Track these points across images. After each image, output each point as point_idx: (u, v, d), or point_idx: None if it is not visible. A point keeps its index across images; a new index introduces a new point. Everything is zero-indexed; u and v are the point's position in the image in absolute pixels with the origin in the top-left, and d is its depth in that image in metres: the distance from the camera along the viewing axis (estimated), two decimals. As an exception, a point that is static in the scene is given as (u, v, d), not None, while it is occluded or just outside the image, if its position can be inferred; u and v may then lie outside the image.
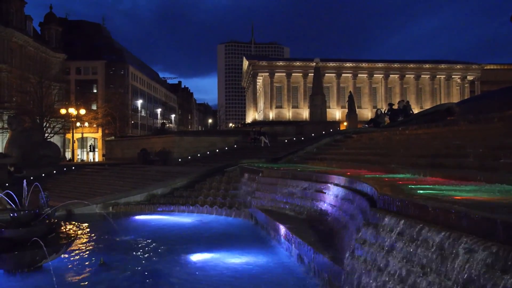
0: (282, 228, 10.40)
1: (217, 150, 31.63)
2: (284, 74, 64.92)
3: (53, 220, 10.51)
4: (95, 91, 69.40)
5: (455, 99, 63.03)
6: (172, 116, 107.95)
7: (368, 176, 10.14)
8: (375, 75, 66.51)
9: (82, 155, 67.05)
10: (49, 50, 60.65)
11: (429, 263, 4.56)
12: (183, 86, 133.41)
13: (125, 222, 15.66)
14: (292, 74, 64.90)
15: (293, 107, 65.52)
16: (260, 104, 69.06)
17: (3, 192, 12.33)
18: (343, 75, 65.58)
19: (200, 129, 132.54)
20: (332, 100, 64.61)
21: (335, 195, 10.11)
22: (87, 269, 9.27)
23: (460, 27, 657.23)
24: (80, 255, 10.57)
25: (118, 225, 13.93)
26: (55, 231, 10.00)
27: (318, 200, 11.15)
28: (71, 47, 66.80)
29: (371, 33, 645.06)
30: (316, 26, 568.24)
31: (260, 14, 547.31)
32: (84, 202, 17.77)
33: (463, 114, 16.85)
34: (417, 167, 10.54)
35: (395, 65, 67.01)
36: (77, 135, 53.81)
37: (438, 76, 67.73)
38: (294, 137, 35.02)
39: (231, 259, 9.77)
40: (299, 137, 32.98)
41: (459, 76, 68.47)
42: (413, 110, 30.07)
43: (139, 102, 78.25)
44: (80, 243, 11.89)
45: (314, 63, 41.07)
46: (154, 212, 17.86)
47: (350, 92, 46.69)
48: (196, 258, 10.02)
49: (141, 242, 11.99)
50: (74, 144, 51.83)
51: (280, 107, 65.44)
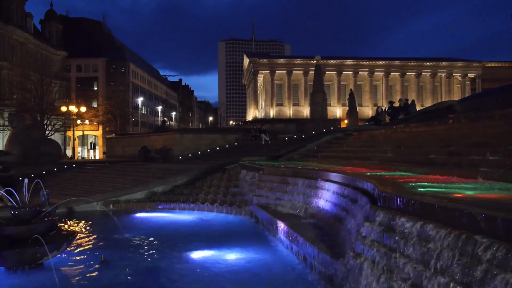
0: (282, 226, 10.42)
1: (217, 148, 31.66)
2: (285, 71, 64.86)
3: (53, 218, 10.51)
4: (95, 88, 69.43)
5: (456, 96, 62.99)
6: (173, 113, 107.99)
7: (368, 173, 10.14)
8: (375, 73, 66.44)
9: (83, 153, 67.13)
10: (49, 48, 60.61)
11: (429, 261, 4.56)
12: (183, 84, 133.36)
13: (125, 219, 15.68)
14: (293, 72, 64.85)
15: (293, 104, 65.49)
16: (261, 101, 69.03)
17: (4, 189, 12.33)
18: (343, 72, 65.52)
19: (200, 126, 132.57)
20: (333, 98, 64.57)
21: (336, 193, 10.12)
22: (88, 266, 9.29)
23: (461, 25, 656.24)
24: (81, 252, 10.59)
25: (120, 222, 13.96)
26: (56, 229, 10.01)
27: (318, 198, 11.16)
28: (72, 45, 66.76)
29: (372, 30, 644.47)
30: (317, 24, 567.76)
31: (261, 11, 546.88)
32: (85, 199, 17.78)
33: (464, 111, 16.83)
34: (418, 165, 10.55)
35: (396, 62, 66.95)
36: (77, 133, 53.82)
37: (439, 73, 67.64)
38: (294, 134, 35.04)
39: (231, 256, 9.79)
40: (300, 134, 32.99)
41: (460, 74, 68.36)
42: (416, 108, 29.93)
43: (140, 100, 78.25)
44: (81, 240, 11.91)
45: (315, 61, 41.05)
46: (155, 209, 17.87)
47: (351, 89, 46.69)
48: (197, 255, 10.03)
49: (141, 239, 12.01)
50: (75, 141, 51.84)
51: (281, 104, 65.42)
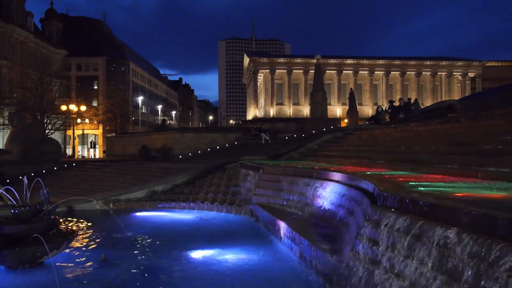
0: (282, 225, 10.41)
1: (217, 147, 31.66)
2: (285, 70, 64.83)
3: (54, 217, 10.51)
4: (95, 87, 69.41)
5: (456, 96, 62.98)
6: (173, 112, 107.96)
7: (368, 173, 10.14)
8: (376, 72, 66.41)
9: (83, 152, 67.14)
10: (49, 46, 60.60)
11: (429, 260, 4.56)
12: (183, 83, 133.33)
13: (126, 218, 15.67)
14: (293, 71, 64.81)
15: (293, 104, 65.47)
16: (261, 101, 69.01)
17: (3, 188, 12.34)
18: (344, 72, 65.49)
19: (200, 125, 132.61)
20: (333, 97, 64.55)
21: (336, 192, 10.11)
22: (88, 265, 9.30)
23: (461, 24, 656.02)
24: (81, 251, 10.59)
25: (120, 221, 13.96)
26: (56, 227, 10.00)
27: (318, 197, 11.15)
28: (72, 43, 66.76)
29: (372, 30, 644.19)
30: (317, 23, 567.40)
31: (261, 10, 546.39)
32: (85, 198, 17.78)
33: (464, 111, 16.80)
34: (418, 164, 10.55)
35: (396, 62, 66.92)
36: (77, 132, 53.84)
37: (439, 73, 67.61)
38: (294, 134, 35.07)
39: (231, 255, 9.78)
40: (300, 134, 33.00)
41: (460, 73, 68.33)
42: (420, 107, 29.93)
43: (140, 99, 78.20)
44: (81, 239, 11.92)
45: (315, 60, 41.01)
46: (155, 208, 17.87)
47: (351, 89, 46.70)
48: (197, 254, 10.03)
49: (142, 238, 12.01)
50: (75, 140, 51.87)
51: (281, 104, 65.39)
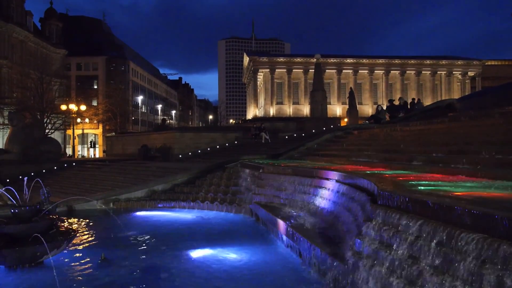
0: (282, 224, 10.41)
1: (217, 146, 31.66)
2: (285, 70, 64.81)
3: (54, 216, 10.51)
4: (95, 87, 69.40)
5: (456, 95, 62.97)
6: (173, 112, 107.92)
7: (369, 172, 10.15)
8: (375, 71, 66.40)
9: (83, 151, 67.16)
10: (49, 46, 60.59)
11: (429, 259, 4.56)
12: (183, 82, 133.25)
13: (126, 218, 15.69)
14: (293, 70, 64.79)
15: (293, 103, 65.46)
16: (261, 100, 68.99)
17: (4, 187, 12.34)
18: (343, 71, 65.48)
19: (200, 125, 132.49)
20: (333, 96, 64.55)
21: (336, 191, 10.11)
22: (88, 264, 9.30)
23: (461, 23, 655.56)
24: (81, 251, 10.60)
25: (120, 220, 13.97)
26: (56, 227, 10.01)
27: (318, 196, 11.15)
28: (72, 43, 66.71)
29: (372, 29, 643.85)
30: (317, 22, 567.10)
31: (260, 10, 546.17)
32: (85, 198, 17.79)
33: (464, 110, 16.82)
34: (417, 163, 10.55)
35: (396, 61, 66.90)
36: (77, 131, 53.86)
37: (439, 72, 67.60)
38: (294, 133, 35.06)
39: (231, 254, 9.79)
40: (300, 133, 32.99)
41: (460, 72, 68.32)
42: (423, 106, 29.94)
43: (140, 98, 78.20)
44: (81, 239, 11.93)
45: (315, 59, 40.99)
46: (155, 208, 17.88)
47: (351, 88, 46.69)
48: (197, 253, 10.03)
49: (142, 238, 12.02)
50: (75, 140, 51.88)
51: (281, 103, 65.38)
